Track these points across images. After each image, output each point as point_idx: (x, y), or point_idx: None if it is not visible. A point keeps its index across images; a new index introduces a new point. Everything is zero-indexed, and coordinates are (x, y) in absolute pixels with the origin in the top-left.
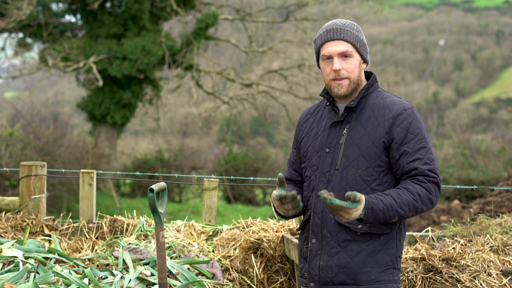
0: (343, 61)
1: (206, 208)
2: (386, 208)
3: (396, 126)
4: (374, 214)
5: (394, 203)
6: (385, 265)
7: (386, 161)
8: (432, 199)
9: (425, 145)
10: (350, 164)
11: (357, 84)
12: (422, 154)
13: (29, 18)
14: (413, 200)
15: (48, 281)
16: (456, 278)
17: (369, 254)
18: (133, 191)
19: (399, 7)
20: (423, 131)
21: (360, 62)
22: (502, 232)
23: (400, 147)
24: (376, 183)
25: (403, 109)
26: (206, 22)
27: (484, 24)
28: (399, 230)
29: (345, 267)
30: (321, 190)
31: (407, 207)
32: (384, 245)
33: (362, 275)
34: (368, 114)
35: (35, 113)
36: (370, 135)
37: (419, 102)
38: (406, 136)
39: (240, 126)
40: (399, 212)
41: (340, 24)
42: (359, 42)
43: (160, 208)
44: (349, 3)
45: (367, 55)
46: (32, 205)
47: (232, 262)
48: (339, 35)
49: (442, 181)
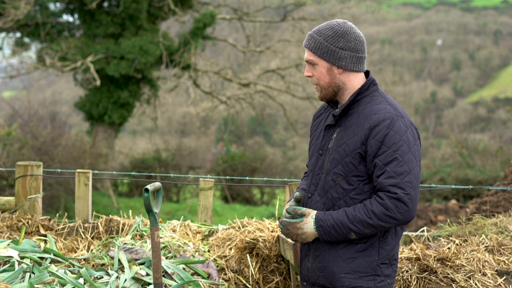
0: (313, 68)
1: (202, 208)
2: (336, 224)
3: (371, 137)
4: (326, 231)
5: (345, 220)
6: (363, 272)
7: (364, 171)
8: (394, 216)
9: (396, 158)
10: (332, 171)
11: (332, 90)
12: (390, 167)
13: (26, 17)
14: (367, 217)
15: (43, 281)
16: (451, 278)
17: (344, 260)
18: (131, 191)
19: (397, 7)
20: (400, 143)
21: (329, 68)
22: (498, 232)
23: (374, 159)
24: (355, 192)
25: (382, 120)
26: (203, 21)
27: (482, 23)
28: (384, 238)
29: (323, 271)
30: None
31: (360, 224)
32: (362, 251)
33: (337, 280)
34: (353, 121)
35: (32, 112)
36: (348, 144)
37: (417, 101)
38: (379, 148)
39: (237, 126)
40: (352, 229)
41: (315, 30)
42: (320, 50)
43: (155, 208)
44: (346, 3)
45: (338, 60)
46: (28, 205)
47: (228, 262)
48: (305, 42)
49: (440, 181)
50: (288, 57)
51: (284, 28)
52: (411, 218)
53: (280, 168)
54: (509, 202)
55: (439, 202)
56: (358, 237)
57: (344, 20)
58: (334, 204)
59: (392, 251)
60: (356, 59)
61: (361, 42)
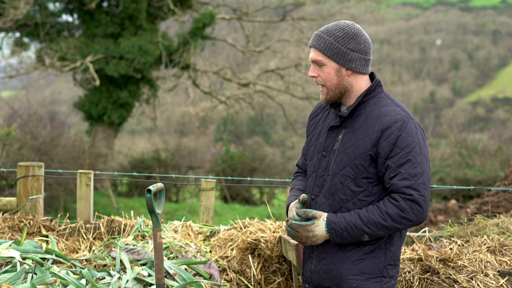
0: (319, 69)
1: (204, 209)
2: (350, 227)
3: (383, 139)
4: (338, 234)
5: (359, 222)
6: (370, 273)
7: (374, 172)
8: (408, 217)
9: (410, 159)
10: (339, 172)
11: (339, 91)
12: (404, 169)
13: (26, 17)
14: (382, 219)
15: (45, 282)
16: (453, 278)
17: (352, 262)
18: (130, 191)
19: (396, 7)
20: (412, 144)
21: (338, 69)
22: (499, 233)
23: (386, 161)
24: (364, 194)
25: (393, 121)
26: (203, 21)
27: (481, 23)
28: (390, 240)
29: (330, 273)
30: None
31: (375, 226)
32: (369, 253)
33: (345, 282)
34: (361, 122)
35: (32, 112)
36: (358, 146)
37: (416, 101)
38: (392, 150)
39: (237, 126)
40: (365, 231)
41: (323, 30)
42: (330, 50)
43: (158, 209)
44: (346, 3)
45: (349, 62)
46: (29, 206)
47: (230, 262)
48: (312, 42)
49: (439, 181)
50: (288, 57)
51: (283, 28)
52: (424, 219)
53: (279, 168)
54: (510, 202)
55: (439, 202)
56: (371, 238)
57: (351, 22)
58: (342, 206)
59: (397, 252)
60: (365, 61)
61: (370, 45)
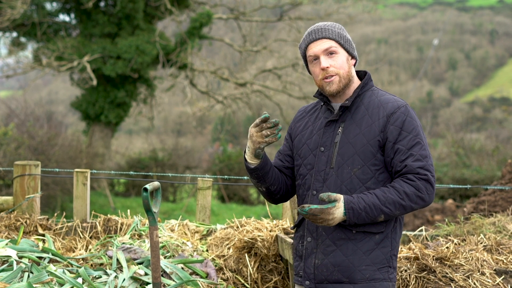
0: (330, 59)
1: (200, 208)
2: (368, 207)
3: (390, 124)
4: (356, 214)
5: (377, 202)
6: (380, 263)
7: (381, 159)
8: (423, 197)
9: (419, 142)
10: (345, 163)
11: (348, 80)
12: (415, 151)
13: (23, 17)
14: (399, 198)
15: (42, 281)
16: (450, 277)
17: (364, 252)
18: (127, 190)
19: (393, 6)
20: (417, 128)
21: (348, 58)
22: (496, 232)
23: (394, 145)
24: (372, 182)
25: (397, 107)
26: (200, 21)
27: (478, 23)
28: (394, 228)
29: (341, 265)
30: (301, 206)
31: (393, 205)
32: (379, 243)
33: (357, 273)
34: (362, 113)
35: (29, 112)
36: (364, 133)
37: (413, 101)
38: (400, 134)
39: (234, 125)
40: (383, 210)
41: (320, 25)
42: (342, 38)
43: (154, 208)
44: (343, 3)
45: (353, 50)
46: (26, 205)
47: (226, 261)
48: (320, 34)
49: (436, 181)
50: (285, 56)
51: (280, 28)
52: (432, 200)
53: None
54: (507, 201)
55: (436, 201)
56: (386, 219)
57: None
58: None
59: (399, 242)
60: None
61: None
